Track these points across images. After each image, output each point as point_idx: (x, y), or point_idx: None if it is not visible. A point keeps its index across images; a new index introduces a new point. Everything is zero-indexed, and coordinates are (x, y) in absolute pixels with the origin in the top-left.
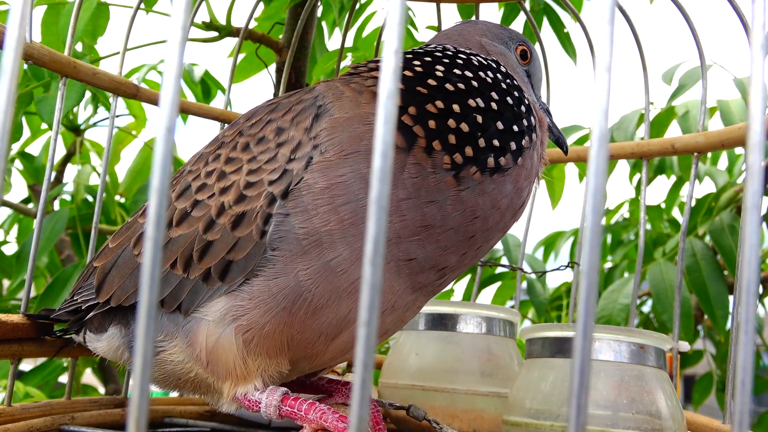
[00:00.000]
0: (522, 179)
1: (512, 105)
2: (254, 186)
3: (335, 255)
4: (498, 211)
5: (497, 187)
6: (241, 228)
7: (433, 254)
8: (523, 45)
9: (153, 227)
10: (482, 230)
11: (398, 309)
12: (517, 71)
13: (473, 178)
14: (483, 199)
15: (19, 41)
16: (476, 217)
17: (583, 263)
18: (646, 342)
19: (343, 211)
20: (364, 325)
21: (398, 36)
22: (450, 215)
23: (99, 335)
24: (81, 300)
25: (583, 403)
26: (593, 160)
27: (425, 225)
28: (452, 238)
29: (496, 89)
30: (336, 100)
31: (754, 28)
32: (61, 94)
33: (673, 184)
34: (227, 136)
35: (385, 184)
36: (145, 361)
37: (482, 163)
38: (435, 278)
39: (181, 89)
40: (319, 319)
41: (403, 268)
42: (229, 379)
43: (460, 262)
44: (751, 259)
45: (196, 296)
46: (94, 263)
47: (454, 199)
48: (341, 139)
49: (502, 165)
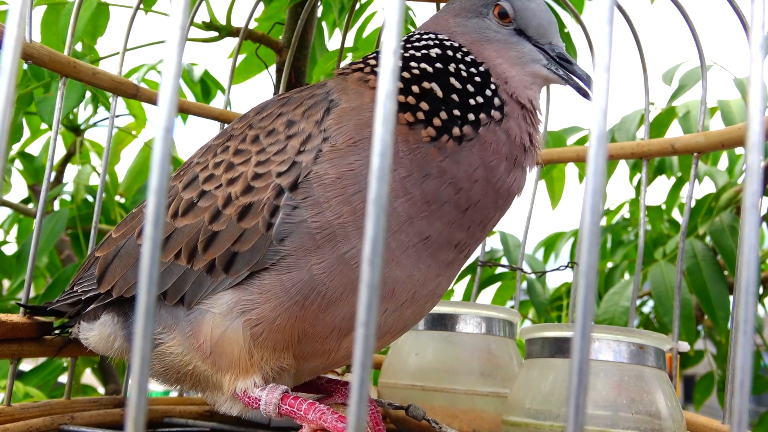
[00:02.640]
0: (489, 155)
1: (469, 82)
2: (262, 177)
3: (350, 247)
4: (477, 184)
5: (467, 157)
6: (248, 219)
7: (443, 230)
8: (500, 4)
9: (152, 227)
10: (472, 203)
11: (418, 300)
12: (497, 38)
13: (448, 147)
14: (458, 170)
15: (18, 41)
16: (461, 189)
17: (582, 263)
18: (646, 342)
19: (355, 201)
20: (363, 325)
21: (397, 36)
22: (440, 188)
23: (91, 324)
24: (81, 291)
25: (582, 403)
26: (592, 160)
27: (427, 201)
28: (451, 212)
29: (452, 73)
30: (343, 93)
31: (753, 28)
32: (60, 94)
33: (674, 185)
34: (236, 128)
35: (384, 184)
36: (144, 361)
37: (451, 133)
38: (455, 255)
39: (180, 89)
40: (332, 313)
41: (422, 251)
42: (230, 371)
43: (470, 237)
44: (750, 259)
45: (199, 288)
46: (96, 253)
47: (439, 170)
48: (348, 128)
49: (464, 133)
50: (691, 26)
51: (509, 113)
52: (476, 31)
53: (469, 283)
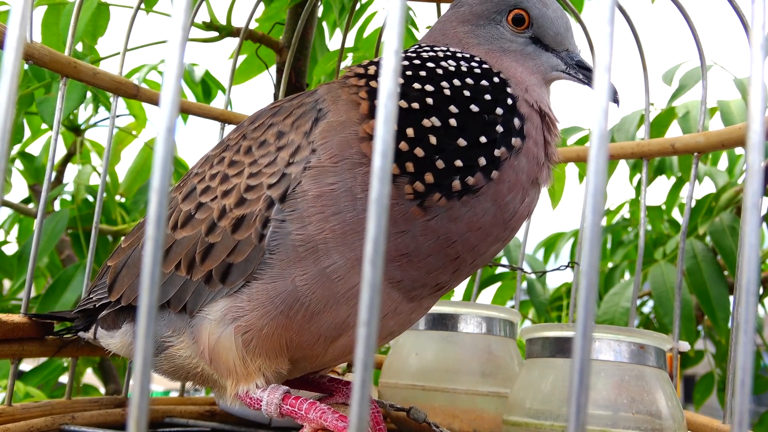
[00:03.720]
0: (505, 193)
1: (479, 113)
2: (254, 189)
3: (331, 262)
4: (480, 231)
5: (471, 209)
6: (241, 231)
7: (418, 277)
8: (515, 8)
9: (153, 227)
10: (467, 251)
11: (401, 313)
12: (512, 48)
13: (439, 205)
14: (456, 225)
15: (19, 41)
16: (454, 242)
17: (583, 263)
18: (646, 342)
19: (333, 221)
20: (365, 324)
21: (398, 36)
22: (424, 244)
23: (112, 332)
24: (96, 298)
25: (583, 403)
26: (593, 160)
27: (402, 254)
28: (434, 263)
29: (456, 101)
30: (333, 104)
31: (753, 28)
32: (61, 95)
33: (674, 185)
34: (232, 139)
35: (385, 184)
36: (146, 361)
37: (446, 189)
38: (431, 291)
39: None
40: (317, 323)
41: (394, 287)
42: (230, 377)
43: (456, 276)
44: (751, 259)
45: (199, 297)
46: (108, 263)
47: (424, 229)
48: (332, 144)
49: (471, 185)
50: (691, 26)
51: (529, 131)
52: (490, 40)
53: (470, 282)
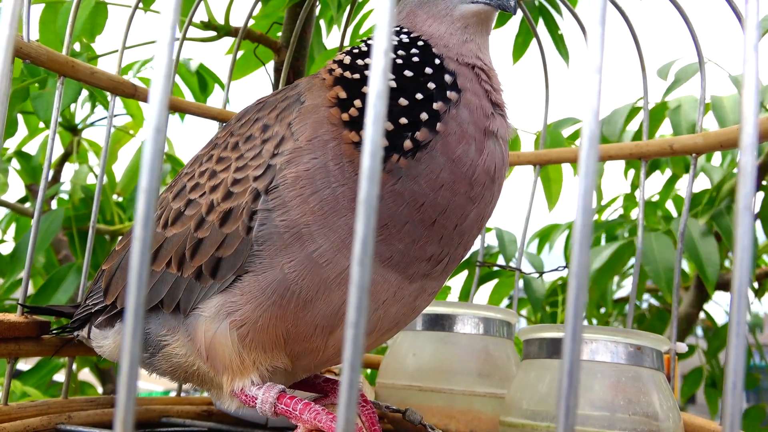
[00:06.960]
0: (454, 145)
1: (414, 76)
2: (240, 182)
3: (316, 247)
4: (444, 189)
5: (426, 166)
6: (228, 224)
7: (406, 249)
8: None
9: (141, 227)
10: (439, 213)
11: (402, 298)
12: None
13: (399, 166)
14: (417, 184)
15: (10, 40)
16: (423, 204)
17: (573, 264)
18: (643, 343)
19: (312, 201)
20: (352, 326)
21: (387, 36)
22: (396, 211)
23: (105, 331)
24: (92, 303)
25: (572, 405)
26: (583, 161)
27: (383, 225)
28: (415, 231)
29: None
30: (309, 92)
31: (747, 28)
32: (58, 94)
33: (668, 180)
34: (220, 137)
35: (374, 184)
36: (132, 361)
37: (401, 149)
38: (430, 267)
39: (176, 84)
40: (311, 311)
41: (386, 269)
42: (226, 373)
43: (445, 246)
44: (743, 262)
45: (191, 295)
46: (103, 266)
47: (392, 194)
48: (307, 126)
49: (420, 140)
50: (688, 24)
51: (463, 84)
52: (409, 1)
53: (467, 281)
